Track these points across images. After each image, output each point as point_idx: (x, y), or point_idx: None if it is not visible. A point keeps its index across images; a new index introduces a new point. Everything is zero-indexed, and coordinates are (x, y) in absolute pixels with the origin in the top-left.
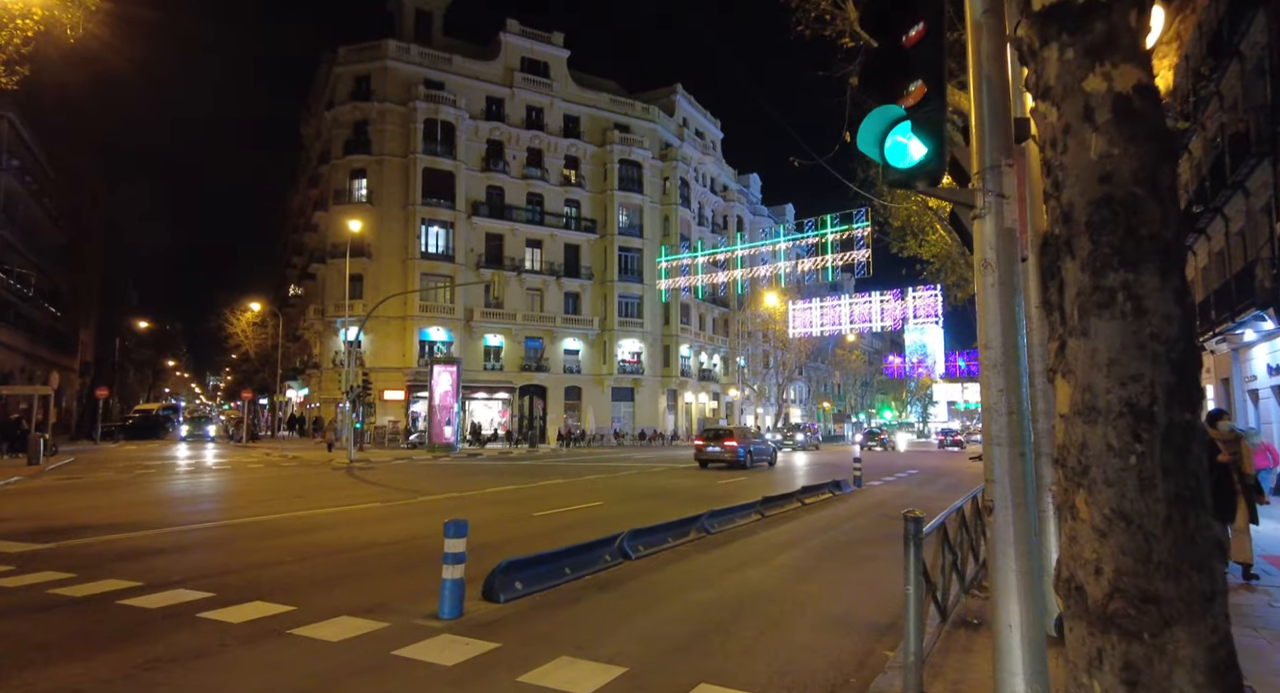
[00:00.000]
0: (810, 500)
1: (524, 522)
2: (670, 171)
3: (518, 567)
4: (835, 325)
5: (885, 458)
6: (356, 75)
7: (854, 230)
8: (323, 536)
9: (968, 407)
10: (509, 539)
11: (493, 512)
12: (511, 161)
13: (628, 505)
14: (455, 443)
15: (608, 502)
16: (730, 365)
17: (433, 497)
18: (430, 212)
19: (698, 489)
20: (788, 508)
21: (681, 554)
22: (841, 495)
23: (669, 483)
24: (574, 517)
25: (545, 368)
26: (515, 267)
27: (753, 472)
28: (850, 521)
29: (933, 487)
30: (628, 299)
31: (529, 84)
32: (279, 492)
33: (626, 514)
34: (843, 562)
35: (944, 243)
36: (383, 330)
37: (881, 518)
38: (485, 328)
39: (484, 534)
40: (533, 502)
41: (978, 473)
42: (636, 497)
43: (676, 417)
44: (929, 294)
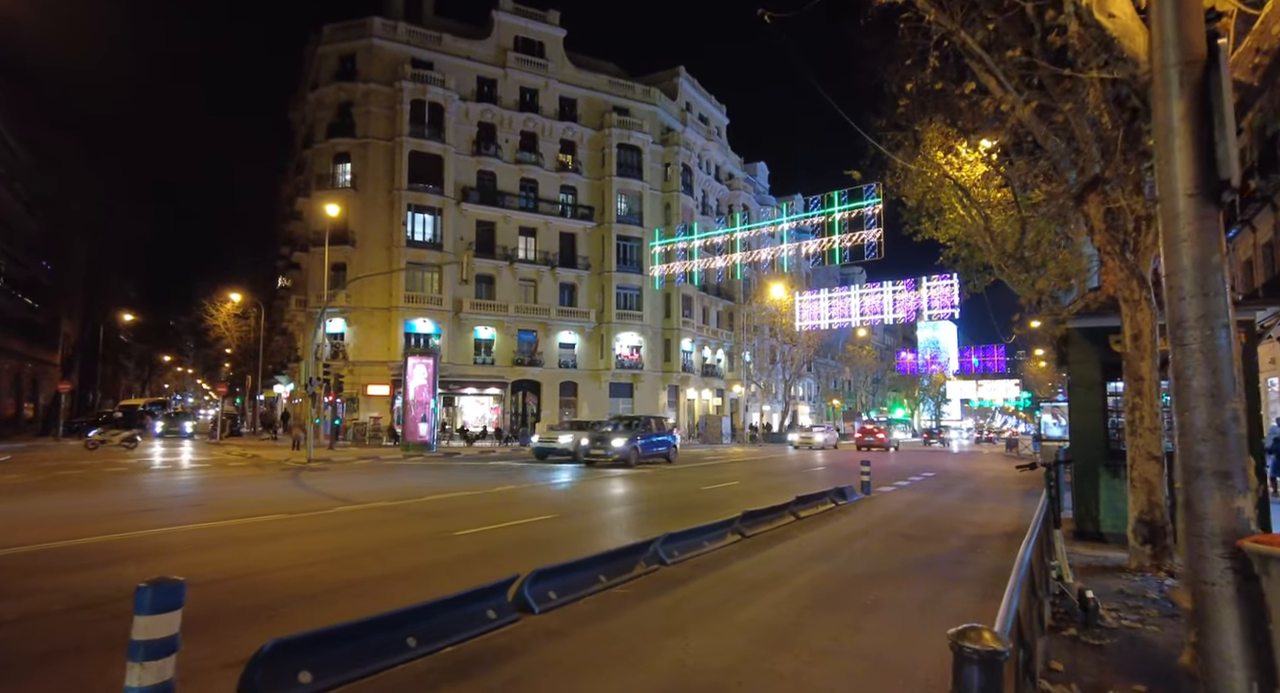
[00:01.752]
0: (807, 513)
1: (435, 545)
2: (672, 157)
3: (316, 643)
4: (845, 317)
5: (896, 459)
6: (341, 55)
7: (863, 208)
8: (145, 567)
9: (982, 405)
10: (389, 576)
11: (407, 530)
12: (504, 145)
13: (585, 519)
14: (432, 441)
15: (563, 514)
16: (735, 361)
17: (359, 506)
18: (417, 197)
19: (679, 496)
20: (777, 524)
21: (613, 604)
22: (846, 506)
23: (648, 489)
24: (509, 537)
25: (539, 362)
26: (508, 256)
27: (747, 468)
28: (854, 542)
29: (951, 494)
30: (626, 291)
31: (523, 64)
32: (177, 500)
33: (577, 532)
34: (838, 613)
35: (962, 223)
36: (366, 322)
37: (893, 538)
38: (475, 320)
39: (362, 568)
40: (472, 514)
41: (997, 476)
42: (602, 506)
43: (678, 414)
44: (945, 284)
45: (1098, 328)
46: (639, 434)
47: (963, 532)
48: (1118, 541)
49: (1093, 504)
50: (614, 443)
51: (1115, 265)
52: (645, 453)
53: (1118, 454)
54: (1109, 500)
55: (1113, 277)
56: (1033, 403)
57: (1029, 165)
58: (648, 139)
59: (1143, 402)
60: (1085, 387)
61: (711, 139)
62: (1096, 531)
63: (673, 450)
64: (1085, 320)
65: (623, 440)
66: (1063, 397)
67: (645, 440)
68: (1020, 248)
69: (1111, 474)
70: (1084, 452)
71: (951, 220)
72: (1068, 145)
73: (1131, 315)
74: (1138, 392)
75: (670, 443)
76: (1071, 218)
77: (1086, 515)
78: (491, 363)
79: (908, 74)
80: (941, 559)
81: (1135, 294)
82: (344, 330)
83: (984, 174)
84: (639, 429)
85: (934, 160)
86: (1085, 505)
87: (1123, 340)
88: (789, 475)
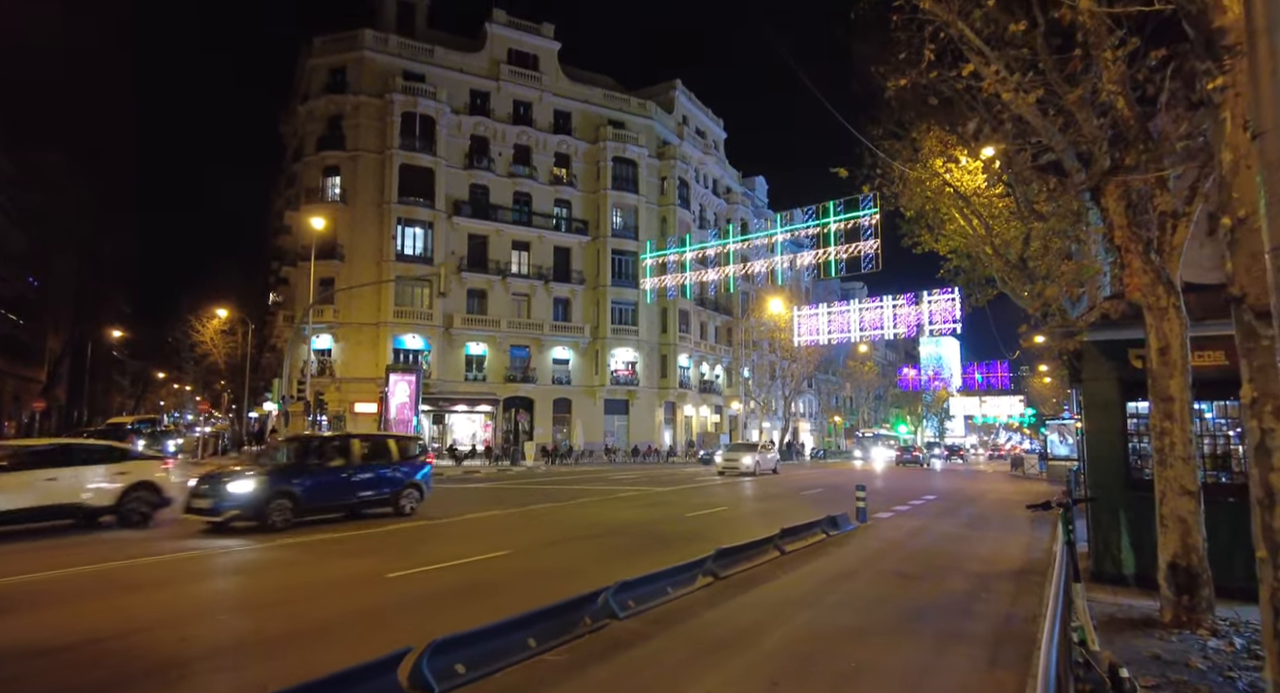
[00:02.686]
0: (794, 547)
1: (353, 593)
2: (668, 171)
3: None
4: (844, 332)
5: (896, 481)
6: (331, 67)
7: (860, 219)
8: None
9: (986, 421)
10: (262, 640)
11: (335, 570)
12: (497, 158)
13: (543, 558)
14: None
15: (520, 549)
16: (734, 376)
17: (282, 541)
18: (407, 211)
19: (657, 525)
20: (757, 562)
21: (539, 677)
22: (838, 537)
23: (626, 516)
24: (449, 579)
25: (532, 379)
26: (500, 270)
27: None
28: (842, 584)
29: (955, 519)
30: (621, 305)
31: (516, 77)
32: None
33: (529, 574)
34: (811, 686)
35: (963, 234)
36: (354, 338)
37: (886, 577)
38: (467, 336)
39: (232, 626)
40: (418, 549)
41: (1002, 500)
42: (569, 539)
43: (675, 431)
44: (946, 298)
45: (1116, 341)
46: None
47: (965, 568)
48: (1143, 584)
49: (1113, 540)
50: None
51: (1139, 267)
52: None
53: (1140, 484)
54: (1132, 537)
55: (1136, 279)
56: (1037, 419)
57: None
58: (643, 152)
59: (1173, 426)
60: (1101, 408)
61: (709, 153)
62: (1118, 572)
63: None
64: (1102, 332)
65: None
66: (1068, 414)
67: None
68: (1025, 256)
69: (1134, 507)
70: (1102, 481)
71: (952, 231)
72: (1069, 135)
73: (1157, 326)
74: (1167, 414)
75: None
76: (1083, 218)
77: (1106, 553)
78: (483, 379)
79: (901, 69)
80: (941, 606)
81: (1162, 301)
82: (331, 346)
83: (986, 181)
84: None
85: (932, 168)
86: (1104, 542)
87: (1147, 355)
88: (784, 499)
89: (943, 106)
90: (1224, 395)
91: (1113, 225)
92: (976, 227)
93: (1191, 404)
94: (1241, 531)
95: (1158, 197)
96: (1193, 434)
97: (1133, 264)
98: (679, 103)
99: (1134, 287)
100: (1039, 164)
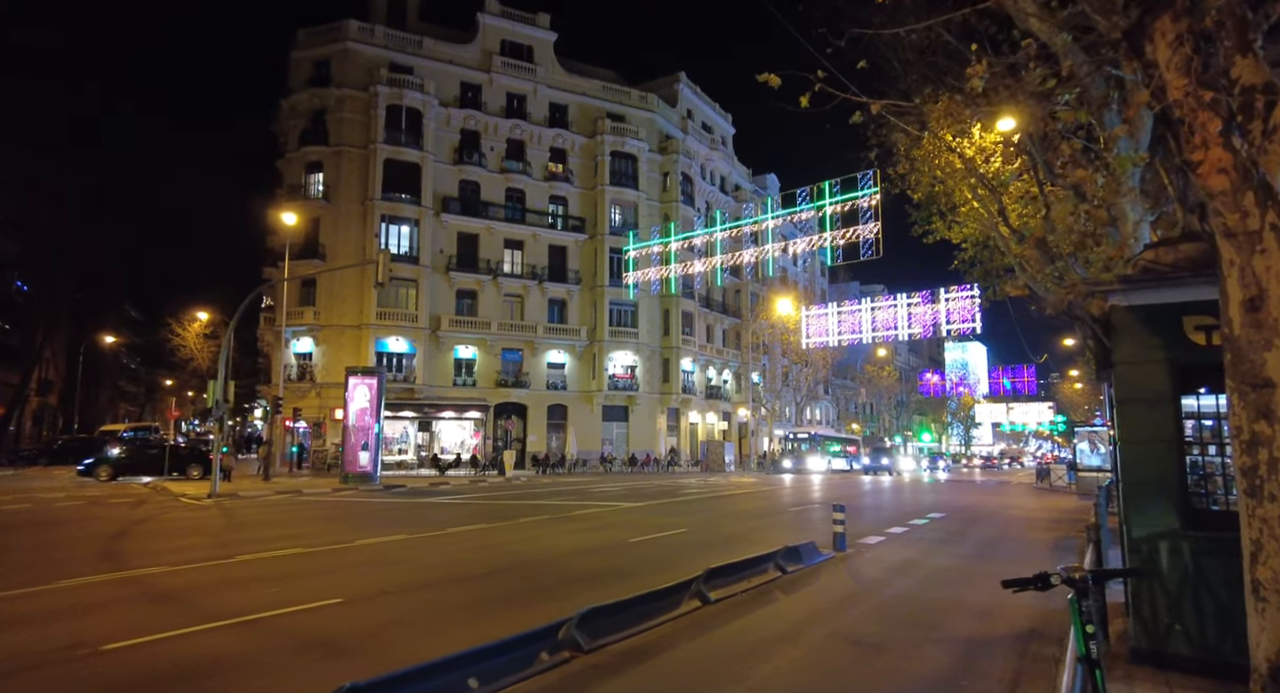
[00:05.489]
0: (724, 594)
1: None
2: (670, 166)
3: None
4: (855, 333)
5: (902, 496)
6: (315, 60)
7: (859, 200)
8: None
9: (1014, 429)
10: None
11: (140, 614)
12: (488, 153)
13: (375, 610)
14: (375, 472)
15: (360, 596)
16: (743, 382)
17: (109, 576)
18: (391, 208)
19: (578, 557)
20: (659, 621)
21: None
22: (799, 573)
23: (555, 544)
24: (296, 626)
25: (525, 383)
26: (492, 270)
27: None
28: (768, 660)
29: (958, 547)
30: (621, 307)
31: (509, 69)
32: None
33: (307, 645)
34: None
35: (978, 218)
36: (336, 341)
37: (835, 647)
38: (455, 338)
39: None
40: (227, 596)
41: (1022, 519)
42: (443, 581)
43: (679, 438)
44: (965, 296)
45: (1165, 306)
46: None
47: (950, 629)
48: (1210, 671)
49: (1165, 603)
50: None
51: (1216, 157)
52: None
53: (1204, 517)
54: (1196, 600)
55: (1211, 179)
56: (1068, 427)
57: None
58: (644, 147)
59: (1275, 432)
60: (1143, 404)
61: (715, 148)
62: (1174, 649)
63: None
64: (1143, 292)
65: None
66: (1100, 421)
67: None
68: (1043, 235)
69: (1197, 553)
70: (1145, 510)
71: (965, 215)
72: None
73: (1243, 262)
74: (1262, 411)
75: None
76: (1118, 181)
77: (1154, 621)
78: (473, 384)
79: None
80: None
81: (1252, 218)
82: (312, 350)
83: (1001, 156)
84: None
85: (943, 139)
86: (1152, 604)
87: (1223, 315)
88: (772, 515)
89: (949, 62)
90: None
91: (1164, 84)
92: (989, 204)
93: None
94: None
95: (1238, 63)
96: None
97: (1205, 150)
98: (683, 96)
99: (1211, 183)
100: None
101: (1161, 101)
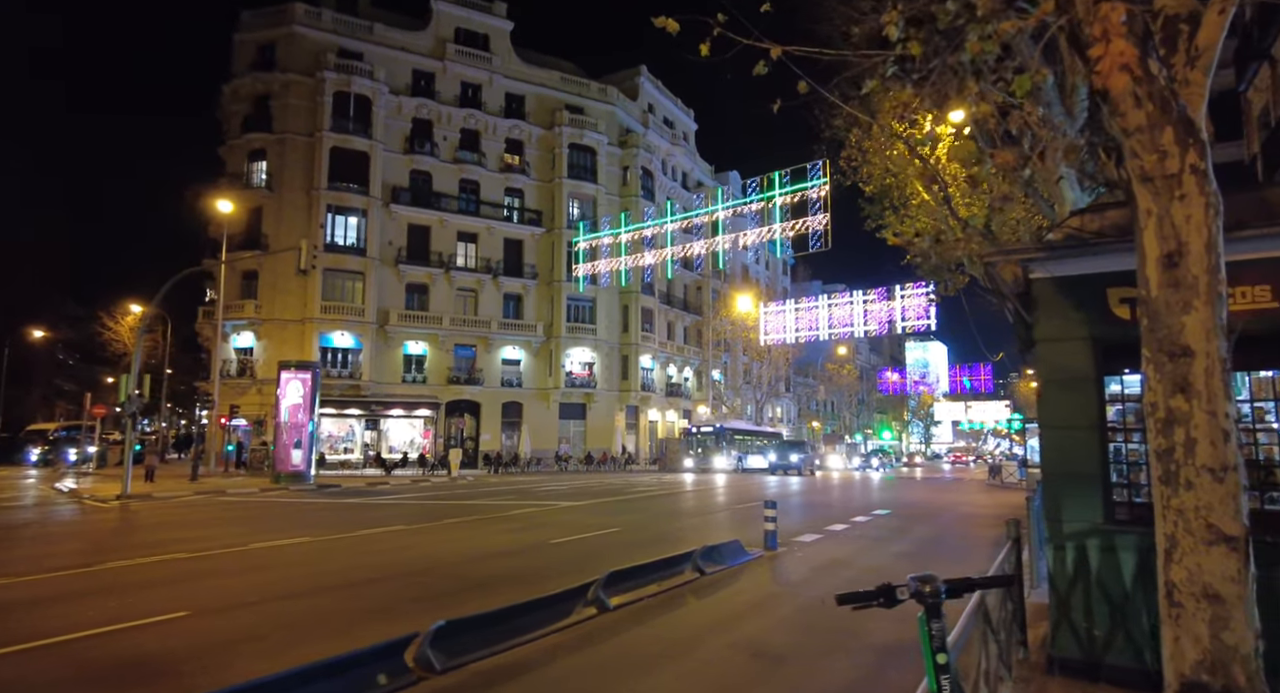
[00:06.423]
0: (628, 599)
1: None
2: (630, 160)
3: None
4: (813, 331)
5: (857, 491)
6: (260, 43)
7: (808, 191)
8: None
9: (972, 427)
10: None
11: None
12: (441, 143)
13: (220, 624)
14: (308, 472)
15: (211, 609)
16: (704, 379)
17: None
18: (338, 198)
19: (485, 561)
20: (546, 631)
21: None
22: (719, 574)
23: (471, 546)
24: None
25: (479, 380)
26: (444, 263)
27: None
28: (655, 672)
29: (896, 545)
30: (579, 303)
31: (464, 58)
32: None
33: (200, 652)
34: None
35: (930, 210)
36: (278, 335)
37: (736, 659)
38: (405, 334)
39: None
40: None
41: (969, 516)
42: (357, 584)
43: (639, 436)
44: (920, 293)
45: (1087, 277)
46: None
47: (869, 636)
48: (1134, 682)
49: (1080, 606)
50: None
51: (1126, 87)
52: None
53: (1132, 515)
54: (1115, 602)
55: (1127, 114)
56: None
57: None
58: (603, 140)
59: (1193, 407)
60: (1066, 385)
61: (677, 144)
62: (1091, 657)
63: None
64: (1065, 262)
65: None
66: None
67: None
68: (991, 217)
69: (1120, 550)
70: (1067, 503)
71: (916, 208)
72: None
73: (1162, 211)
74: (1179, 385)
75: None
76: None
77: (1069, 626)
78: (423, 381)
79: None
80: None
81: (1172, 160)
82: (254, 345)
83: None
84: None
85: (891, 129)
86: (1068, 606)
87: (1143, 272)
88: (714, 513)
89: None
90: (1269, 363)
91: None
92: (937, 194)
93: (1228, 367)
94: None
95: None
96: (1233, 424)
97: (1119, 76)
98: (644, 90)
99: (1126, 122)
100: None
101: (1067, 12)
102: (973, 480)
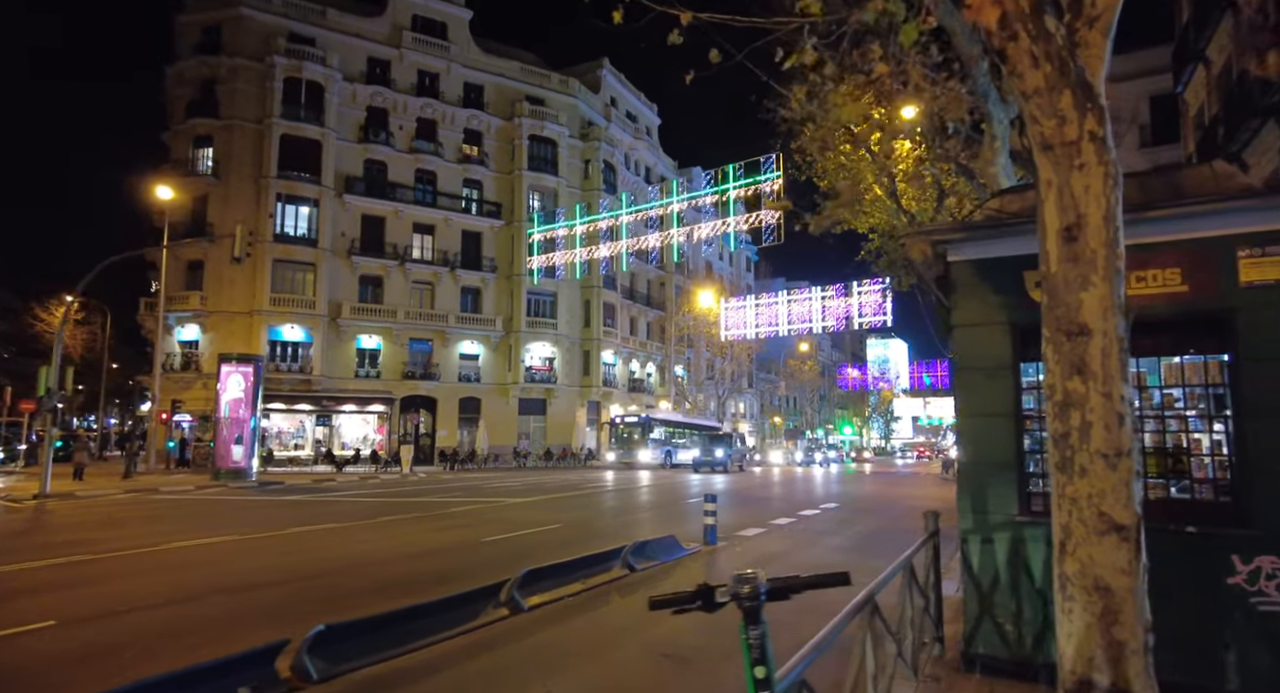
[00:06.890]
0: (548, 598)
1: None
2: (592, 153)
3: None
4: (772, 326)
5: (807, 485)
6: (205, 25)
7: (761, 185)
8: None
9: (931, 423)
10: None
11: None
12: (397, 132)
13: (125, 629)
14: (250, 468)
15: (148, 606)
16: (666, 375)
17: None
18: (289, 186)
19: (400, 563)
20: (445, 636)
21: None
22: (650, 571)
23: (395, 544)
24: None
25: (435, 375)
26: (399, 255)
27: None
28: (557, 679)
29: (835, 539)
30: (539, 297)
31: (421, 46)
32: None
33: (35, 672)
34: None
35: (882, 207)
36: (225, 328)
37: (649, 662)
38: (358, 327)
39: None
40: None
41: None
42: (258, 587)
43: (599, 432)
44: (876, 289)
45: (1004, 260)
46: None
47: (787, 634)
48: (1050, 679)
49: (995, 600)
50: None
51: (1022, 48)
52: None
53: (1046, 503)
54: (1029, 600)
55: (1024, 75)
56: None
57: None
58: (564, 132)
59: (1087, 389)
60: (984, 372)
61: (640, 138)
62: (1004, 653)
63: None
64: (982, 242)
65: None
66: None
67: None
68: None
69: (1032, 545)
70: (982, 493)
71: (870, 204)
72: None
73: (1061, 181)
74: (1076, 365)
75: None
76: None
77: (983, 620)
78: (377, 376)
79: None
80: None
81: (1070, 126)
82: (199, 337)
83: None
84: None
85: (842, 121)
86: (981, 601)
87: (1044, 246)
88: (664, 508)
89: None
90: (1180, 348)
91: None
92: (886, 186)
93: (1125, 347)
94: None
95: None
96: (1130, 407)
97: (1014, 34)
98: (606, 82)
99: (1024, 85)
100: None
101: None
102: (928, 475)
